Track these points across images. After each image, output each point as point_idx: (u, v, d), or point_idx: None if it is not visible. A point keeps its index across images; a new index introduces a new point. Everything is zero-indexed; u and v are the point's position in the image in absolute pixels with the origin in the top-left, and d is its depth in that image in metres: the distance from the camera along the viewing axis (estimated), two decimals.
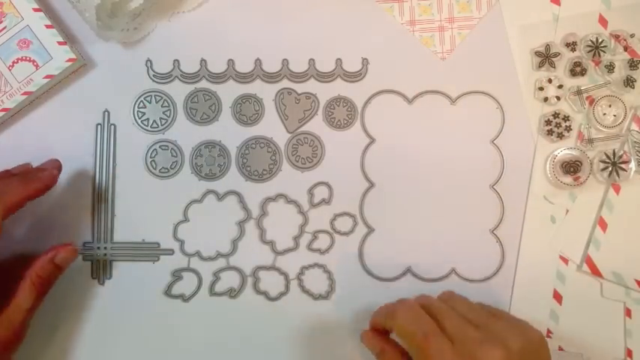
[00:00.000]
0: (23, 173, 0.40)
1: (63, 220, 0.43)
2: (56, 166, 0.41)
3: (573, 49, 0.44)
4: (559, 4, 0.44)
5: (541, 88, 0.43)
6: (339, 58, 0.44)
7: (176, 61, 0.44)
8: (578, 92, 0.43)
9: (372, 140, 0.44)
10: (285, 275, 0.43)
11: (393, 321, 0.37)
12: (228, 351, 0.43)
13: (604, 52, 0.43)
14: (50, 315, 0.42)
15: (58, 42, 0.42)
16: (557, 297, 0.43)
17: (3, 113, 0.42)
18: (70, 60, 0.42)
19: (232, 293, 0.43)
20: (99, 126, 0.44)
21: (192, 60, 0.44)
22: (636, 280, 0.42)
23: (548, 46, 0.43)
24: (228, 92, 0.44)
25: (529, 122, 0.44)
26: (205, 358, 0.43)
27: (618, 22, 0.43)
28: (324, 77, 0.44)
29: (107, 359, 0.43)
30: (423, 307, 0.37)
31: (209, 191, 0.44)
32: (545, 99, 0.43)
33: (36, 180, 0.39)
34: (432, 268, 0.43)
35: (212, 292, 0.43)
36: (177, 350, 0.43)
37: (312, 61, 0.44)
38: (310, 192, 0.44)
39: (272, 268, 0.43)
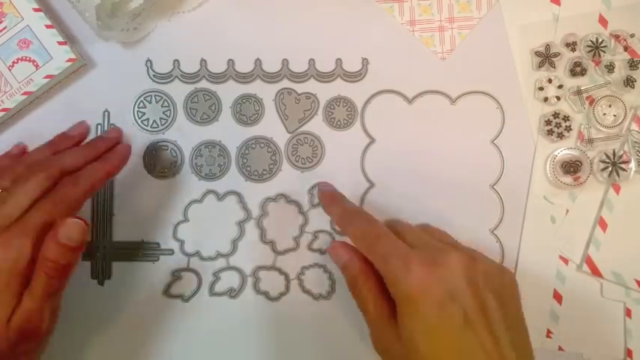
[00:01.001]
0: (92, 147, 0.40)
1: None
2: (120, 135, 0.42)
3: (573, 49, 0.44)
4: (559, 4, 0.44)
5: (541, 88, 0.43)
6: (339, 58, 0.44)
7: (176, 61, 0.44)
8: (578, 92, 0.43)
9: (372, 140, 0.44)
10: (286, 275, 0.43)
11: (349, 226, 0.37)
12: (228, 351, 0.43)
13: (604, 52, 0.43)
14: None
15: (58, 42, 0.42)
16: (557, 297, 0.43)
17: (3, 113, 0.42)
18: (70, 60, 0.42)
19: (232, 293, 0.43)
20: (99, 126, 0.44)
21: (192, 60, 0.44)
22: (636, 280, 0.42)
23: (548, 46, 0.43)
24: (228, 92, 0.44)
25: (529, 122, 0.44)
26: (205, 358, 0.43)
27: (618, 22, 0.43)
28: (324, 77, 0.44)
29: (107, 359, 0.43)
30: (387, 225, 0.37)
31: (209, 191, 0.44)
32: (545, 99, 0.43)
33: (114, 157, 0.39)
34: None
35: (212, 292, 0.43)
36: (177, 350, 0.43)
37: (312, 61, 0.44)
38: (310, 192, 0.44)
39: (272, 268, 0.43)
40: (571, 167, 0.43)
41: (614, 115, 0.43)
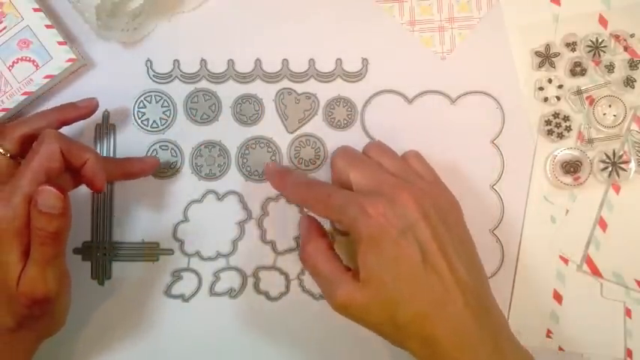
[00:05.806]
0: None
1: None
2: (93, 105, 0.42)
3: (573, 49, 0.44)
4: (559, 4, 0.44)
5: (541, 88, 0.43)
6: (339, 58, 0.44)
7: (176, 61, 0.44)
8: (578, 92, 0.43)
9: (372, 140, 0.44)
10: (286, 275, 0.43)
11: (300, 195, 0.40)
12: (228, 351, 0.43)
13: (604, 52, 0.43)
14: None
15: (58, 42, 0.42)
16: (557, 297, 0.43)
17: (3, 113, 0.42)
18: (70, 60, 0.42)
19: (232, 293, 0.43)
20: (99, 126, 0.44)
21: (192, 60, 0.44)
22: (636, 280, 0.42)
23: (548, 46, 0.43)
24: (228, 92, 0.44)
25: (529, 122, 0.44)
26: (205, 358, 0.43)
27: (618, 22, 0.43)
28: (324, 77, 0.44)
29: (107, 359, 0.43)
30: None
31: (209, 191, 0.44)
32: (545, 99, 0.43)
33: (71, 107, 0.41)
34: None
35: (212, 292, 0.43)
36: (178, 350, 0.43)
37: (312, 61, 0.44)
38: None
39: (272, 268, 0.43)
40: (571, 167, 0.43)
41: (614, 115, 0.43)
